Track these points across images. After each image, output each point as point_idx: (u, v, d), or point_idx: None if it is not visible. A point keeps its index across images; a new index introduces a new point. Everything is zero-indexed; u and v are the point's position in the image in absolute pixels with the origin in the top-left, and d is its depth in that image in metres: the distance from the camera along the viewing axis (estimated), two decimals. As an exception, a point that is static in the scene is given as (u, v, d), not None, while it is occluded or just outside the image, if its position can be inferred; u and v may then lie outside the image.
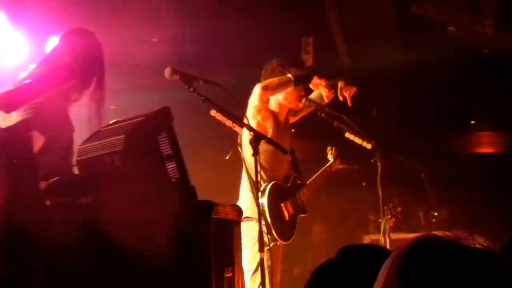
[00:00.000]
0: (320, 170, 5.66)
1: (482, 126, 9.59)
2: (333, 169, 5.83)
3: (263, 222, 4.64)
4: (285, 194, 5.06)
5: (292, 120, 5.37)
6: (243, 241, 4.61)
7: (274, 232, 4.81)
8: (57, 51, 3.53)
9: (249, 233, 4.69)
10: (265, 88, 4.87)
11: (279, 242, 4.86)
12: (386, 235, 5.78)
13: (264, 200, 4.79)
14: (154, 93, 7.66)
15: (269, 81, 4.93)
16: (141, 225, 2.70)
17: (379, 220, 6.31)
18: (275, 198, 4.93)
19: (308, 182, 5.38)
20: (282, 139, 4.98)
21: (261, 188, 4.83)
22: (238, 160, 5.13)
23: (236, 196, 5.09)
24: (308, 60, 8.27)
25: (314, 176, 5.52)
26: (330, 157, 5.86)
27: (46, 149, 3.27)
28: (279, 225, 4.89)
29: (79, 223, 2.72)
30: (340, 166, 6.97)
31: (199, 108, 4.46)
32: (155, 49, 7.64)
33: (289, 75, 4.92)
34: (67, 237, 2.70)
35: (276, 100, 5.12)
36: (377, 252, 1.90)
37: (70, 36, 3.58)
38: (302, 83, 5.05)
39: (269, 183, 4.92)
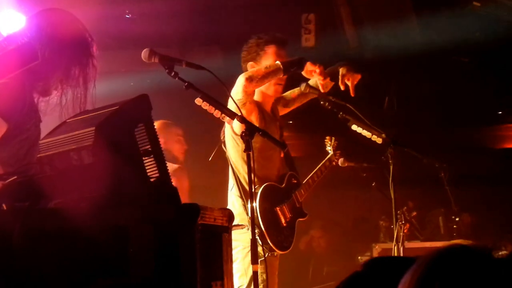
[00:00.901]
0: (319, 165, 5.67)
1: (511, 117, 9.60)
2: (333, 163, 5.84)
3: (256, 230, 4.63)
4: (280, 197, 5.06)
5: (283, 112, 5.36)
6: (233, 252, 4.61)
7: (269, 242, 4.80)
8: (19, 32, 3.51)
9: (239, 243, 4.68)
10: (250, 79, 4.84)
11: (277, 252, 4.86)
12: (399, 243, 5.78)
13: (255, 206, 4.77)
14: (130, 79, 7.64)
15: (254, 70, 4.91)
16: (114, 233, 2.68)
17: (391, 227, 6.32)
18: (269, 202, 4.92)
19: (305, 180, 5.38)
20: (271, 132, 4.96)
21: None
22: (224, 158, 5.11)
23: (226, 197, 5.08)
24: (309, 40, 8.26)
25: (312, 173, 5.53)
26: (330, 149, 5.88)
27: (7, 140, 3.24)
28: (275, 233, 4.88)
29: (41, 231, 2.69)
30: (346, 164, 7.00)
31: (182, 95, 4.44)
32: (130, 27, 7.60)
33: (277, 62, 4.90)
34: (27, 248, 2.67)
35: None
36: (408, 265, 1.90)
37: (37, 15, 3.57)
38: (293, 70, 5.00)
39: (260, 185, 4.91)
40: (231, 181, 5.00)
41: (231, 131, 4.91)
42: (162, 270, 2.67)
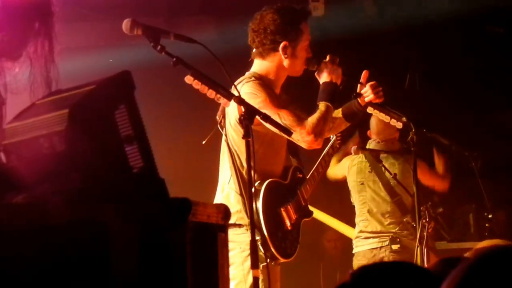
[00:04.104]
0: (322, 155, 5.67)
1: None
2: (336, 150, 5.94)
3: (258, 237, 4.65)
4: (285, 195, 5.06)
5: None
6: (229, 255, 4.62)
7: (273, 249, 4.82)
8: None
9: (236, 245, 4.69)
10: (320, 134, 4.90)
11: (281, 260, 4.87)
12: (422, 244, 5.81)
13: (258, 206, 4.79)
14: (109, 54, 7.63)
15: (315, 123, 4.89)
16: (92, 231, 2.68)
17: (413, 225, 6.34)
18: (272, 202, 4.93)
19: (309, 174, 5.39)
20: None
21: (253, 189, 4.82)
22: (218, 145, 5.11)
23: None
24: (318, 8, 8.25)
25: (316, 165, 5.54)
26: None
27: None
28: (279, 238, 4.90)
29: (7, 228, 2.70)
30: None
31: (170, 73, 4.44)
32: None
33: (325, 103, 4.96)
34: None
35: (275, 65, 5.09)
36: (405, 274, 1.90)
37: None
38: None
39: (262, 181, 4.91)
40: (228, 173, 4.99)
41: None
42: (147, 276, 2.68)
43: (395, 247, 7.11)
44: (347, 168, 7.43)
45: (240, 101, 4.26)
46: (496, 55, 8.91)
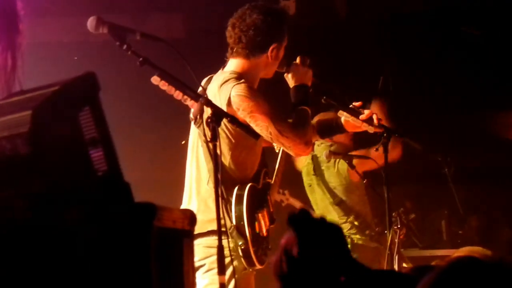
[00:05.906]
0: (278, 160, 5.67)
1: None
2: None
3: (241, 242, 4.68)
4: (260, 200, 5.10)
5: None
6: (208, 261, 4.65)
7: (253, 255, 4.85)
8: None
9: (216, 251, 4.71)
10: (311, 142, 5.05)
11: (258, 266, 4.91)
12: (393, 251, 5.85)
13: (243, 210, 4.82)
14: (73, 52, 7.62)
15: (306, 131, 4.97)
16: (55, 236, 2.69)
17: (385, 232, 6.39)
18: (252, 207, 4.96)
19: (273, 179, 5.41)
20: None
21: (235, 193, 4.84)
22: (184, 147, 5.12)
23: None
24: (289, 7, 8.27)
25: (276, 169, 5.56)
26: None
27: None
28: (257, 244, 4.93)
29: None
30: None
31: (137, 73, 4.45)
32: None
33: (306, 108, 5.05)
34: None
35: (258, 65, 5.10)
36: (392, 279, 1.96)
37: None
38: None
39: (242, 185, 4.93)
40: (204, 174, 4.97)
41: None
42: (110, 282, 2.69)
43: None
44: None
45: (207, 102, 4.29)
46: (471, 58, 8.97)
